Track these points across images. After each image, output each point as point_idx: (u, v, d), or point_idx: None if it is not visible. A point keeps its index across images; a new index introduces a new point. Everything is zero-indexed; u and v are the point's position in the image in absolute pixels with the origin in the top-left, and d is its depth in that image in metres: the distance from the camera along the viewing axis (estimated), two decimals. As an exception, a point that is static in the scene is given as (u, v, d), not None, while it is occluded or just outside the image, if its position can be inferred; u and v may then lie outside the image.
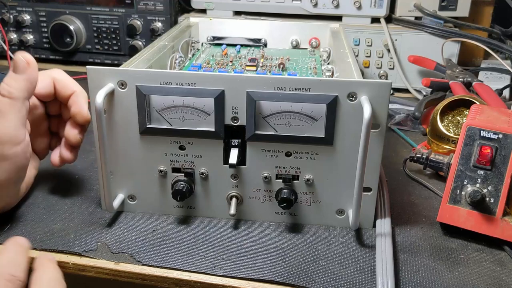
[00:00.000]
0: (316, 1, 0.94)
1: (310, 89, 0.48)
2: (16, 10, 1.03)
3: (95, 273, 0.48)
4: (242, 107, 0.50)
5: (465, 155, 0.51)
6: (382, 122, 0.49)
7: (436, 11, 0.94)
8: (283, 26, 0.85)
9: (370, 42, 0.94)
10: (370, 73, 0.97)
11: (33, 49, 1.06)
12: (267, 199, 0.54)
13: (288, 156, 0.52)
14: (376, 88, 0.48)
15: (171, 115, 0.51)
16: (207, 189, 0.54)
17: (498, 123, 0.51)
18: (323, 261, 0.48)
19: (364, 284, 0.45)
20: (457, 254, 0.50)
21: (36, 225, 0.53)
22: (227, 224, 0.54)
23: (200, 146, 0.52)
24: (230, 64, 0.69)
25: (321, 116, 0.49)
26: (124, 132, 0.52)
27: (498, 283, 0.46)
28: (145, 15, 0.99)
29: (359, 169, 0.47)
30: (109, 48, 1.03)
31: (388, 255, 0.48)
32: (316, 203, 0.53)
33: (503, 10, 1.03)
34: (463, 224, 0.51)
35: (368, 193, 0.52)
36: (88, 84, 0.50)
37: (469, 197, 0.50)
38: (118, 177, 0.54)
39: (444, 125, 0.66)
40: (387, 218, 0.54)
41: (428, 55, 0.92)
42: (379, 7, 0.93)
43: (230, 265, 0.47)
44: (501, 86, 0.88)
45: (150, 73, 0.50)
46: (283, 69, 0.67)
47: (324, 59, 0.74)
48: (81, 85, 0.56)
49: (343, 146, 0.50)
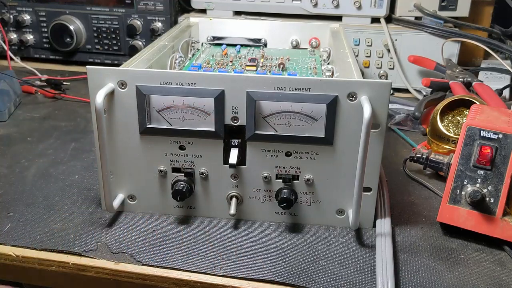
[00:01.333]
0: (316, 1, 0.94)
1: (310, 89, 0.48)
2: (16, 10, 1.03)
3: (95, 273, 0.48)
4: (242, 107, 0.50)
5: (465, 155, 0.51)
6: (382, 122, 0.49)
7: (436, 11, 0.94)
8: (283, 26, 0.85)
9: (370, 42, 0.94)
10: (370, 73, 0.97)
11: (33, 49, 1.06)
12: (267, 199, 0.54)
13: (288, 156, 0.52)
14: (376, 88, 0.48)
15: (171, 115, 0.51)
16: (207, 189, 0.54)
17: (498, 123, 0.51)
18: (323, 261, 0.48)
19: (364, 284, 0.45)
20: (457, 254, 0.50)
21: (36, 225, 0.53)
22: (227, 224, 0.54)
23: (200, 146, 0.52)
24: (230, 64, 0.69)
25: (321, 116, 0.49)
26: (124, 132, 0.52)
27: (498, 283, 0.46)
28: (145, 15, 0.99)
29: (359, 169, 0.47)
30: (109, 48, 1.03)
31: (388, 255, 0.48)
32: (316, 203, 0.53)
33: (503, 10, 1.03)
34: (463, 224, 0.51)
35: (368, 193, 0.52)
36: (88, 84, 0.50)
37: (469, 197, 0.50)
38: (118, 177, 0.54)
39: (444, 125, 0.66)
40: (387, 218, 0.54)
41: (428, 55, 0.92)
42: (379, 7, 0.93)
43: (230, 265, 0.47)
44: (501, 86, 0.88)
45: (150, 73, 0.50)
46: (283, 69, 0.67)
47: (324, 59, 0.74)
48: (82, 85, 0.56)
49: (343, 146, 0.50)
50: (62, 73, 1.00)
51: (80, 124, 0.78)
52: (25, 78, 0.93)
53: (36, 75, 0.95)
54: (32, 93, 0.91)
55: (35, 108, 0.85)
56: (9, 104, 0.81)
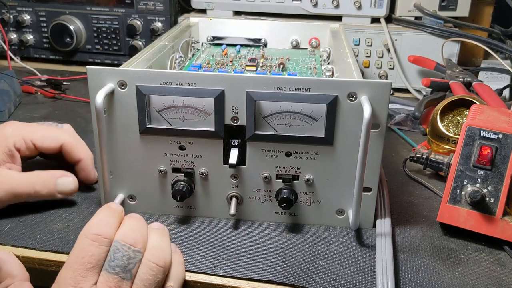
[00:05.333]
0: (316, 1, 0.94)
1: (310, 89, 0.48)
2: (16, 10, 1.03)
3: (95, 273, 0.47)
4: (242, 107, 0.50)
5: (465, 155, 0.51)
6: (382, 122, 0.49)
7: (436, 11, 0.94)
8: (283, 26, 0.85)
9: (370, 42, 0.94)
10: (370, 73, 0.97)
11: (33, 49, 1.06)
12: (267, 199, 0.54)
13: (288, 156, 0.52)
14: (376, 88, 0.48)
15: (171, 115, 0.51)
16: (207, 189, 0.54)
17: (498, 123, 0.51)
18: (323, 261, 0.48)
19: (364, 284, 0.45)
20: (457, 254, 0.50)
21: (36, 225, 0.53)
22: (227, 224, 0.54)
23: (200, 146, 0.52)
24: (230, 64, 0.69)
25: (321, 116, 0.49)
26: (124, 132, 0.52)
27: (498, 283, 0.46)
28: (145, 15, 0.99)
29: (359, 169, 0.47)
30: (109, 48, 1.03)
31: (388, 255, 0.48)
32: (316, 203, 0.53)
33: (503, 10, 1.03)
34: (463, 224, 0.51)
35: (368, 193, 0.52)
36: (88, 84, 0.50)
37: (469, 197, 0.50)
38: (118, 177, 0.54)
39: (444, 125, 0.66)
40: (387, 218, 0.54)
41: (428, 55, 0.92)
42: (379, 7, 0.93)
43: (230, 265, 0.47)
44: (501, 86, 0.88)
45: (150, 73, 0.50)
46: (283, 69, 0.67)
47: (324, 59, 0.74)
48: (82, 85, 0.56)
49: (343, 146, 0.50)
50: (62, 73, 1.00)
51: (80, 124, 0.78)
52: (25, 78, 0.93)
53: (36, 75, 0.95)
54: (32, 93, 0.91)
55: (35, 108, 0.85)
56: (9, 104, 0.81)
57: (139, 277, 0.42)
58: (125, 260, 0.41)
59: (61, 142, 0.57)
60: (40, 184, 0.52)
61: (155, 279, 0.42)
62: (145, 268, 0.42)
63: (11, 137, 0.55)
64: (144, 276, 0.42)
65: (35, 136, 0.56)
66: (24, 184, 0.52)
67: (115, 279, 0.40)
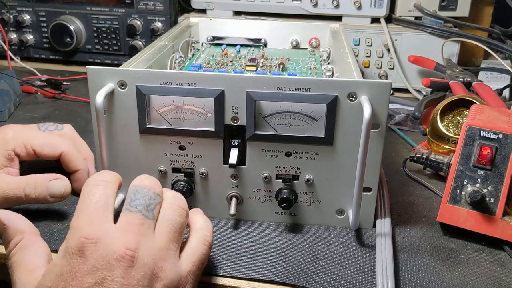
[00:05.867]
0: (316, 1, 0.94)
1: (310, 89, 0.48)
2: (16, 10, 1.03)
3: (95, 273, 0.47)
4: (242, 107, 0.50)
5: (465, 155, 0.51)
6: (382, 122, 0.49)
7: (436, 11, 0.94)
8: (283, 26, 0.85)
9: (370, 42, 0.94)
10: (370, 73, 0.97)
11: (33, 49, 1.06)
12: (267, 199, 0.54)
13: (288, 156, 0.52)
14: (376, 88, 0.48)
15: (171, 115, 0.51)
16: (207, 189, 0.54)
17: (498, 123, 0.51)
18: (323, 261, 0.48)
19: (364, 284, 0.45)
20: (457, 254, 0.50)
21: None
22: (227, 224, 0.54)
23: (200, 146, 0.52)
24: (230, 64, 0.69)
25: (321, 116, 0.49)
26: (124, 132, 0.52)
27: (498, 283, 0.46)
28: (145, 15, 0.99)
29: (359, 169, 0.47)
30: (109, 48, 1.03)
31: (388, 255, 0.48)
32: (316, 203, 0.53)
33: (503, 10, 1.03)
34: (463, 224, 0.51)
35: (368, 193, 0.52)
36: (88, 84, 0.50)
37: (469, 197, 0.50)
38: (118, 177, 0.54)
39: (444, 125, 0.66)
40: (387, 218, 0.54)
41: (428, 55, 0.92)
42: (379, 7, 0.93)
43: (230, 265, 0.47)
44: (501, 86, 0.88)
45: (150, 73, 0.50)
46: (283, 69, 0.67)
47: (324, 59, 0.74)
48: (82, 85, 0.56)
49: (343, 146, 0.50)
50: (62, 73, 1.00)
51: (80, 124, 0.78)
52: (25, 78, 0.93)
53: (36, 75, 0.95)
54: (32, 93, 0.91)
55: (35, 108, 0.85)
56: (9, 104, 0.81)
57: (163, 217, 0.40)
58: (147, 199, 0.40)
59: (61, 151, 0.56)
60: (31, 187, 0.51)
61: (181, 219, 0.41)
62: (168, 209, 0.41)
63: (12, 140, 0.54)
64: (169, 216, 0.40)
65: (36, 142, 0.55)
66: (15, 188, 0.51)
67: (138, 217, 0.39)
